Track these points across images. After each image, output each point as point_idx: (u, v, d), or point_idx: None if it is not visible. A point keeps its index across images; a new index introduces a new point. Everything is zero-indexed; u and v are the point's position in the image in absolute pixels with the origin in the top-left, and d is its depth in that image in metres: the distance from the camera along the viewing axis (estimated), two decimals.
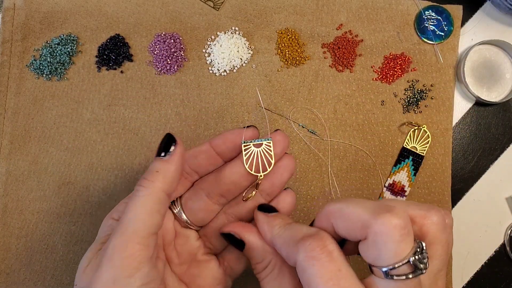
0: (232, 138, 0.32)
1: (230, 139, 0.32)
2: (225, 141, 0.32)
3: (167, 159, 0.27)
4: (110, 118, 0.46)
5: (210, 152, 0.32)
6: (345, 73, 0.47)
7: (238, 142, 0.31)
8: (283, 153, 0.32)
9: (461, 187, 0.47)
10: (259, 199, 0.33)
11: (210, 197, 0.32)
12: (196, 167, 0.32)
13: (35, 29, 0.47)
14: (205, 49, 0.47)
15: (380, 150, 0.46)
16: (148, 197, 0.26)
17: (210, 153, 0.32)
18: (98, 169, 0.45)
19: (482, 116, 0.48)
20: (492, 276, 0.45)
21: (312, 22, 0.48)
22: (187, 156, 0.32)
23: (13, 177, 0.45)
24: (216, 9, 0.48)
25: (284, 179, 0.32)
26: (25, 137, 0.45)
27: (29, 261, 0.43)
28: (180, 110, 0.46)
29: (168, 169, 0.27)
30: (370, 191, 0.45)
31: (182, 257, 0.32)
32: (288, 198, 0.33)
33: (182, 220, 0.33)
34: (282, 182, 0.32)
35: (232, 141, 0.32)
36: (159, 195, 0.27)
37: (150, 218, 0.26)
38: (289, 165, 0.32)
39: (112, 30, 0.47)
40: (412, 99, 0.47)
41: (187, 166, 0.32)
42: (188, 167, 0.32)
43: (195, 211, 0.33)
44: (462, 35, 0.48)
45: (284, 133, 0.32)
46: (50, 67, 0.46)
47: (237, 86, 0.47)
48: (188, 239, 0.33)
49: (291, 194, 0.33)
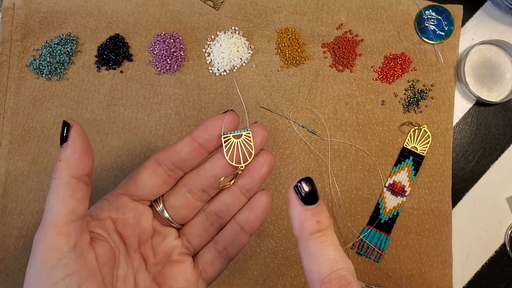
0: (213, 126, 0.31)
1: (211, 127, 0.31)
2: (206, 130, 0.31)
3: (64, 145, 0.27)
4: (109, 118, 0.46)
5: (192, 145, 0.31)
6: (345, 73, 0.47)
7: (219, 130, 0.31)
8: (263, 144, 0.32)
9: (462, 187, 0.47)
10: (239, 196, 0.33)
11: (192, 193, 0.32)
12: (179, 163, 0.32)
13: (35, 29, 0.47)
14: (205, 49, 0.47)
15: (380, 150, 0.46)
16: (57, 186, 0.26)
17: (193, 145, 0.31)
18: (97, 169, 0.45)
19: (483, 116, 0.48)
20: (492, 276, 0.45)
21: (312, 22, 0.48)
22: (169, 152, 0.32)
23: (12, 177, 0.44)
24: (216, 9, 0.48)
25: (263, 174, 0.32)
26: (24, 137, 0.45)
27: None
28: (180, 110, 0.46)
29: (67, 153, 0.27)
30: (370, 191, 0.45)
31: (158, 256, 0.32)
32: (263, 197, 0.33)
33: (163, 217, 0.32)
34: (261, 177, 0.32)
35: (213, 128, 0.31)
36: (66, 181, 0.26)
37: (64, 206, 0.26)
38: (267, 159, 0.32)
39: (112, 30, 0.47)
40: (412, 99, 0.47)
41: (169, 163, 0.31)
42: (171, 164, 0.32)
43: (177, 208, 0.32)
44: (463, 35, 0.48)
45: (263, 125, 0.32)
46: (49, 67, 0.46)
47: (237, 86, 0.47)
48: (166, 237, 0.33)
49: (266, 194, 0.33)
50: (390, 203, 0.45)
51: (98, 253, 0.27)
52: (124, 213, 0.31)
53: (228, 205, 0.33)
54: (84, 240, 0.26)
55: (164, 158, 0.32)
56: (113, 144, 0.45)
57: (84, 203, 0.27)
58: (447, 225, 0.45)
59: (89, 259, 0.26)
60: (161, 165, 0.32)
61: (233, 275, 0.43)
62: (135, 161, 0.45)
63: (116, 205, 0.31)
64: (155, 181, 0.32)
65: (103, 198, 0.32)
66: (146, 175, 0.32)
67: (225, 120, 0.31)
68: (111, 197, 0.31)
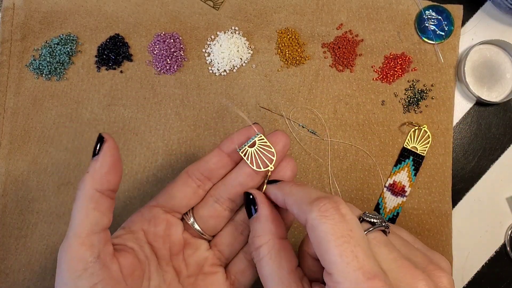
0: (239, 137, 0.32)
1: (237, 138, 0.32)
2: (232, 141, 0.32)
3: (95, 158, 0.28)
4: (109, 118, 0.46)
5: (219, 155, 0.32)
6: (345, 73, 0.47)
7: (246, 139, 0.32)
8: (285, 150, 0.32)
9: (462, 187, 0.47)
10: None
11: (219, 202, 0.33)
12: (207, 172, 0.32)
13: (35, 28, 0.47)
14: (205, 49, 0.47)
15: (380, 150, 0.46)
16: (81, 198, 0.27)
17: (220, 155, 0.32)
18: None
19: (483, 116, 0.48)
20: (492, 276, 0.45)
21: (312, 22, 0.48)
22: (198, 164, 0.33)
23: (12, 177, 0.44)
24: (216, 9, 0.48)
25: (287, 177, 0.33)
26: (24, 137, 0.45)
27: (29, 262, 0.43)
28: (179, 110, 0.46)
29: (95, 167, 0.28)
30: (370, 191, 0.45)
31: (190, 268, 0.33)
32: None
33: (194, 229, 0.33)
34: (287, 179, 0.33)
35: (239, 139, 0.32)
36: (89, 194, 0.27)
37: (87, 217, 0.27)
38: (289, 164, 0.33)
39: (112, 29, 0.47)
40: (412, 99, 0.47)
41: (199, 173, 0.32)
42: (200, 174, 0.32)
43: (206, 219, 0.33)
44: (463, 35, 0.48)
45: (283, 132, 0.33)
46: (49, 67, 0.46)
47: (237, 86, 0.47)
48: (198, 249, 0.33)
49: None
50: (390, 203, 0.45)
51: (122, 264, 0.28)
52: (156, 225, 0.32)
53: None
54: (107, 251, 0.27)
55: (193, 169, 0.33)
56: None
57: (107, 215, 0.28)
58: (447, 225, 0.45)
59: (113, 269, 0.27)
60: (190, 176, 0.33)
61: None
62: (135, 161, 0.45)
63: (148, 217, 0.32)
64: (186, 192, 0.32)
65: (138, 211, 0.32)
66: (176, 186, 0.33)
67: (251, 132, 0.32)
68: (144, 209, 0.32)
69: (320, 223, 0.23)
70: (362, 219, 0.27)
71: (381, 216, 0.27)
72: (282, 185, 0.29)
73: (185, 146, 0.46)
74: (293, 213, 0.27)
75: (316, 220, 0.24)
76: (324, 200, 0.24)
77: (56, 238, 0.44)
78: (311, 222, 0.24)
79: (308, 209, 0.24)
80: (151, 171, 0.45)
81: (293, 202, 0.27)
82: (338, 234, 0.23)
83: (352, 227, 0.24)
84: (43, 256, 0.44)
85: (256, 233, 0.29)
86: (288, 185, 0.29)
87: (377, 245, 0.26)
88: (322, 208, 0.24)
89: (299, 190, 0.27)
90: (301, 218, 0.25)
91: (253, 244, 0.29)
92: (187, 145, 0.46)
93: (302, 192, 0.27)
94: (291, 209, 0.27)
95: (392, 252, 0.25)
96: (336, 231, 0.23)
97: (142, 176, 0.45)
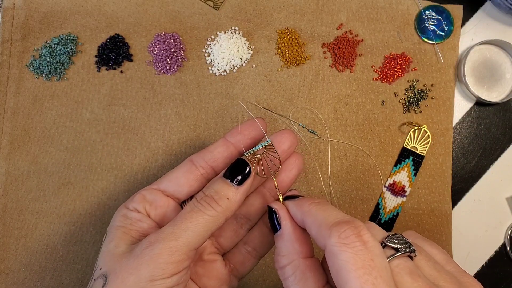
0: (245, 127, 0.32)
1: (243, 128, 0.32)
2: (238, 131, 0.33)
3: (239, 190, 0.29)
4: (109, 118, 0.46)
5: (225, 144, 0.33)
6: (345, 73, 0.47)
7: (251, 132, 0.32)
8: (293, 148, 0.32)
9: (462, 187, 0.47)
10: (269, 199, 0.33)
11: None
12: (212, 161, 0.32)
13: (35, 29, 0.47)
14: (205, 49, 0.47)
15: (380, 150, 0.46)
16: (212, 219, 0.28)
17: (226, 145, 0.33)
18: (97, 169, 0.45)
19: (483, 116, 0.48)
20: (492, 276, 0.45)
21: (312, 22, 0.48)
22: (203, 152, 0.33)
23: (12, 177, 0.44)
24: (216, 9, 0.48)
25: (292, 177, 0.33)
26: (24, 137, 0.45)
27: (29, 261, 0.43)
28: (179, 110, 0.46)
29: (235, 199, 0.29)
30: (370, 191, 0.45)
31: None
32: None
33: None
34: (290, 180, 0.33)
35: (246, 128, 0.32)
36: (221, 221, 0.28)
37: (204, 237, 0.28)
38: (296, 162, 0.33)
39: (112, 30, 0.47)
40: (412, 99, 0.47)
41: (203, 161, 0.32)
42: (205, 162, 0.32)
43: None
44: (463, 35, 0.48)
45: (290, 130, 0.33)
46: (49, 67, 0.46)
47: (237, 86, 0.47)
48: None
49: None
50: (390, 203, 0.45)
51: None
52: (156, 209, 0.32)
53: (257, 209, 0.34)
54: None
55: (198, 158, 0.33)
56: (113, 144, 0.45)
57: None
58: (447, 225, 0.45)
59: None
60: (195, 164, 0.32)
61: None
62: (135, 161, 0.45)
63: (150, 199, 0.32)
64: (188, 178, 0.32)
65: (138, 192, 0.32)
66: (180, 172, 0.32)
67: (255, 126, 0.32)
68: (145, 191, 0.32)
69: (340, 251, 0.22)
70: (384, 244, 0.25)
71: (406, 240, 0.25)
72: (301, 203, 0.28)
73: (185, 146, 0.46)
74: (311, 235, 0.26)
75: (336, 247, 0.22)
76: (344, 226, 0.23)
77: (56, 238, 0.44)
78: (330, 248, 0.23)
79: (327, 234, 0.23)
80: (151, 171, 0.45)
81: (311, 223, 0.26)
82: (359, 265, 0.22)
83: (374, 256, 0.22)
84: (43, 256, 0.44)
85: (280, 251, 0.28)
86: (307, 203, 0.27)
87: (399, 274, 0.24)
88: (342, 235, 0.23)
89: (318, 211, 0.26)
90: (320, 242, 0.24)
91: (278, 263, 0.28)
92: (187, 145, 0.46)
93: (322, 213, 0.26)
94: (309, 230, 0.26)
95: (416, 281, 0.24)
96: (357, 260, 0.22)
97: (142, 176, 0.45)
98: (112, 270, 0.27)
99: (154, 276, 0.26)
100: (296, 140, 0.33)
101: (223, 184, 0.29)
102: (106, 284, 0.26)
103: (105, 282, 0.26)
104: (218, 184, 0.29)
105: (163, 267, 0.26)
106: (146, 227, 0.30)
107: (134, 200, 0.31)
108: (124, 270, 0.26)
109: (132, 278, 0.26)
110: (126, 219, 0.30)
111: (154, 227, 0.31)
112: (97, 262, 0.29)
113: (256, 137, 0.33)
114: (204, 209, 0.28)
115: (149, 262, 0.26)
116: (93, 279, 0.28)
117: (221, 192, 0.29)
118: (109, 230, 0.30)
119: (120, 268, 0.27)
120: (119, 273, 0.26)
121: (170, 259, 0.26)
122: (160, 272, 0.26)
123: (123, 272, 0.26)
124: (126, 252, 0.28)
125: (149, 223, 0.31)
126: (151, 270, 0.26)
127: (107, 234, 0.30)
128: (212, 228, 0.28)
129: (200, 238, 0.27)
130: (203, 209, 0.28)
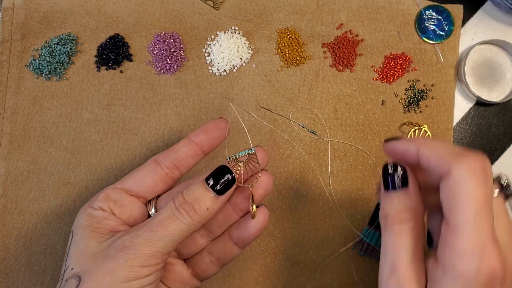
0: (210, 126, 0.33)
1: (208, 127, 0.33)
2: (203, 131, 0.33)
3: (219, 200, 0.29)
4: (109, 118, 0.46)
5: (190, 144, 0.33)
6: (345, 72, 0.47)
7: (216, 131, 0.33)
8: (263, 165, 0.33)
9: None
10: (231, 214, 0.33)
11: None
12: (177, 161, 0.33)
13: (35, 28, 0.47)
14: (205, 49, 0.47)
15: (380, 150, 0.46)
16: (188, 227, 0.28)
17: (190, 144, 0.33)
18: (97, 169, 0.45)
19: (483, 116, 0.48)
20: None
21: (312, 22, 0.48)
22: (167, 152, 0.33)
23: (12, 177, 0.44)
24: (216, 9, 0.48)
25: (257, 197, 0.32)
26: (24, 137, 0.45)
27: (29, 262, 0.43)
28: (179, 110, 0.46)
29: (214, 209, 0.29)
30: (370, 191, 0.45)
31: None
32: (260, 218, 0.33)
33: None
34: (257, 198, 0.33)
35: (210, 129, 0.33)
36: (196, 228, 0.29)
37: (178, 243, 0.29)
38: (264, 182, 0.33)
39: (112, 29, 0.47)
40: (412, 99, 0.47)
41: (168, 161, 0.32)
42: (169, 162, 0.32)
43: None
44: (463, 35, 0.48)
45: (264, 149, 0.33)
46: (49, 67, 0.46)
47: (237, 86, 0.46)
48: None
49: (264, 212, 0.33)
50: None
51: None
52: (121, 207, 0.32)
53: (219, 222, 0.34)
54: None
55: (162, 158, 0.33)
56: (113, 144, 0.45)
57: None
58: None
59: None
60: (159, 164, 0.32)
61: (233, 275, 0.43)
62: (135, 161, 0.45)
63: (114, 198, 0.32)
64: (154, 178, 0.32)
65: (103, 190, 0.32)
66: (144, 172, 0.33)
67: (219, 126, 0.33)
68: (109, 190, 0.32)
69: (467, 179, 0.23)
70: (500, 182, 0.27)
71: None
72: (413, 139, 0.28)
73: None
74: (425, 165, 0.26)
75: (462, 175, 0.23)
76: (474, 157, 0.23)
77: (55, 239, 0.44)
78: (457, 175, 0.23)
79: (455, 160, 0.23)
80: None
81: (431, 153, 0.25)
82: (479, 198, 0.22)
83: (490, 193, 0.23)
84: (43, 256, 0.43)
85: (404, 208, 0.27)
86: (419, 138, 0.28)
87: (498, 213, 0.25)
88: (472, 165, 0.23)
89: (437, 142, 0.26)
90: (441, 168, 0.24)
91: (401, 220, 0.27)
92: None
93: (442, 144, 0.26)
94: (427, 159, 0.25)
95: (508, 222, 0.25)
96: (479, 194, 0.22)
97: None
98: (86, 271, 0.27)
99: (130, 278, 0.26)
100: (268, 158, 0.33)
101: (205, 192, 0.29)
102: (80, 284, 0.26)
103: (79, 282, 0.27)
104: (200, 191, 0.29)
105: (138, 270, 0.27)
106: (113, 224, 0.30)
107: (98, 199, 0.32)
108: (99, 271, 0.27)
109: (108, 279, 0.26)
110: (91, 218, 0.30)
111: (121, 224, 0.31)
112: (66, 262, 0.29)
113: (220, 137, 0.33)
114: (182, 218, 0.28)
115: (124, 266, 0.26)
116: (64, 279, 0.28)
117: (201, 201, 0.28)
118: (74, 229, 0.30)
119: (94, 269, 0.27)
120: (94, 274, 0.27)
121: (145, 263, 0.27)
122: (136, 274, 0.27)
123: (98, 273, 0.26)
124: (98, 252, 0.28)
125: (115, 220, 0.31)
126: (127, 273, 0.26)
127: (73, 234, 0.30)
128: (187, 234, 0.29)
129: (174, 244, 0.28)
130: (181, 218, 0.28)
